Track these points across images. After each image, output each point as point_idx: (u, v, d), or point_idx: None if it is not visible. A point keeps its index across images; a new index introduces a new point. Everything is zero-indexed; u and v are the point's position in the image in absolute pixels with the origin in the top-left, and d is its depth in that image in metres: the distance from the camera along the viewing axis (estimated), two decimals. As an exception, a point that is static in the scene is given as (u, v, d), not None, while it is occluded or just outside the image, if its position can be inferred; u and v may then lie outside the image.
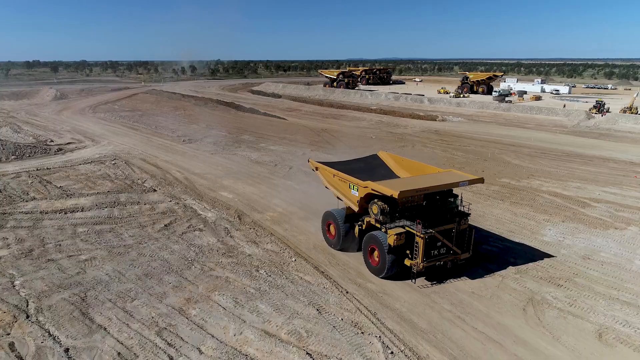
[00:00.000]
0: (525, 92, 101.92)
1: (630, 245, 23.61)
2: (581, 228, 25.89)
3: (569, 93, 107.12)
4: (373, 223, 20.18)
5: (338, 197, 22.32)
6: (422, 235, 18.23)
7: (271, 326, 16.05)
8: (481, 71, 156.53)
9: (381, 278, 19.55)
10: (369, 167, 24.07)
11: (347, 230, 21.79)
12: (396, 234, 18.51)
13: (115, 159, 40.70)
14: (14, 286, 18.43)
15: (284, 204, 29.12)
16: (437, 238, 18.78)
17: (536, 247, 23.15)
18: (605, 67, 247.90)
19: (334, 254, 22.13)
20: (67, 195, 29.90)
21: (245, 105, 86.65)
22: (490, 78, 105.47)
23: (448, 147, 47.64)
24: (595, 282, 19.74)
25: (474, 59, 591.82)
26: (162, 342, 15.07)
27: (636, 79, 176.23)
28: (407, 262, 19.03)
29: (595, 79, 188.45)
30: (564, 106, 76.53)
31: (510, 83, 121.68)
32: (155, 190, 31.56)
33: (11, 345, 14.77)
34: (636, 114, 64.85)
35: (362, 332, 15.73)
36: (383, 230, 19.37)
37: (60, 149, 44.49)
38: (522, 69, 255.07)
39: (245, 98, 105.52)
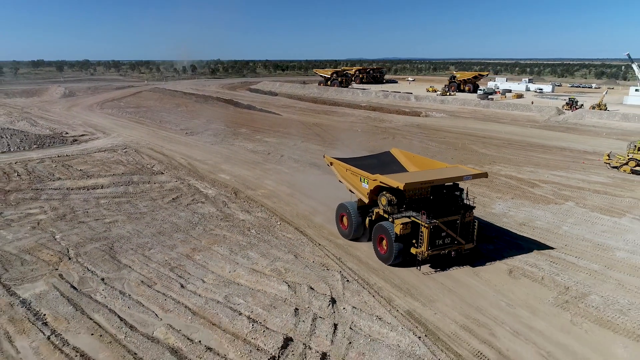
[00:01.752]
0: (509, 91, 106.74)
1: (563, 216, 28.08)
2: (526, 203, 30.47)
3: (552, 92, 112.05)
4: (382, 214, 21.55)
5: (350, 190, 23.85)
6: (426, 225, 19.48)
7: (258, 266, 20.78)
8: (476, 71, 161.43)
9: (389, 265, 20.88)
10: (382, 163, 25.26)
11: (359, 221, 23.11)
12: (402, 224, 19.78)
13: (125, 148, 45.54)
14: (55, 239, 23.23)
15: (274, 184, 33.91)
16: (441, 228, 19.95)
17: (483, 217, 27.61)
18: (600, 67, 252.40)
19: (313, 219, 26.80)
20: (88, 176, 34.72)
21: (243, 102, 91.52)
22: (476, 77, 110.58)
23: (425, 139, 52.34)
24: (521, 240, 24.25)
25: (473, 58, 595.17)
26: (174, 275, 19.80)
27: (625, 79, 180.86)
28: (413, 250, 20.30)
29: (586, 78, 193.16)
30: (532, 103, 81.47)
31: (498, 82, 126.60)
32: (162, 173, 36.39)
33: (60, 276, 19.51)
34: (605, 110, 69.73)
35: (328, 269, 20.48)
36: (390, 220, 20.63)
37: (76, 140, 49.41)
38: (516, 68, 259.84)
39: (243, 96, 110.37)
